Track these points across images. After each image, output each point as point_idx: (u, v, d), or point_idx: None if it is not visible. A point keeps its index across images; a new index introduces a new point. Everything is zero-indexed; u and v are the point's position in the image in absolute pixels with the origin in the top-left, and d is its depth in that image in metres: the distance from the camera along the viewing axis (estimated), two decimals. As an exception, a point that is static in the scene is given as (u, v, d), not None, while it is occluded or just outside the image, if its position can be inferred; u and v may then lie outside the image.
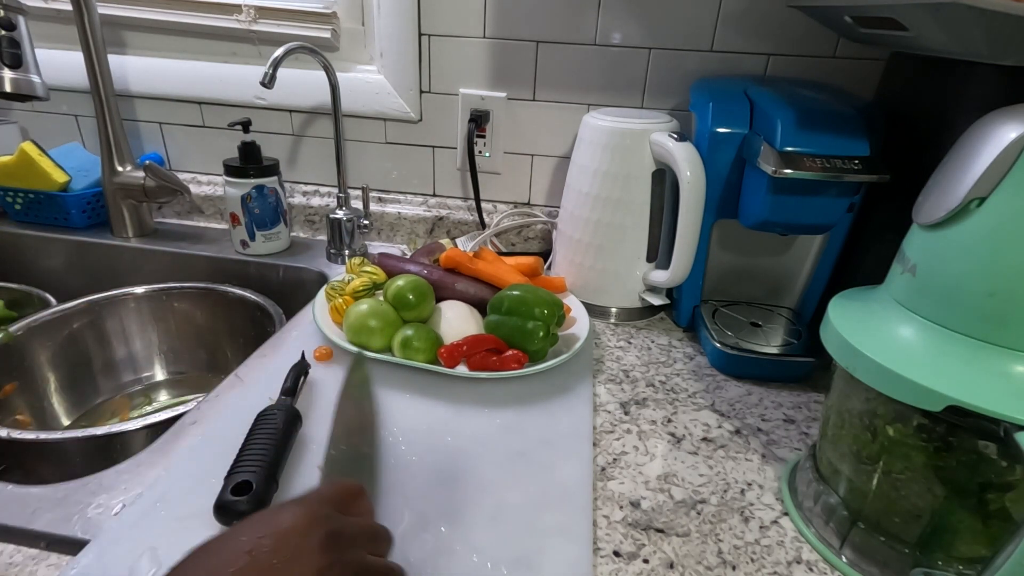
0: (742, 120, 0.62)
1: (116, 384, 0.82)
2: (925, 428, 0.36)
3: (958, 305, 0.35)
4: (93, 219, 0.93)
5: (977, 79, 0.51)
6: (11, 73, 0.72)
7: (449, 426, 0.51)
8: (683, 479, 0.48)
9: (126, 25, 0.92)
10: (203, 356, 0.86)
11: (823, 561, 0.42)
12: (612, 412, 0.56)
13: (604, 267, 0.73)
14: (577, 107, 0.85)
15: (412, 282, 0.61)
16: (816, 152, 0.55)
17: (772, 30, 0.76)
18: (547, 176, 0.90)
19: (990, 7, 0.37)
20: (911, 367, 0.35)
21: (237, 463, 0.41)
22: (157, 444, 0.49)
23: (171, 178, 0.86)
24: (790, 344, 0.64)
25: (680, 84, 0.81)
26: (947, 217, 0.36)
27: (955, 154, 0.37)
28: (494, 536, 0.40)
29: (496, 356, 0.57)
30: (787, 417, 0.57)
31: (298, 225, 0.97)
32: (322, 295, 0.66)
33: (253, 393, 0.54)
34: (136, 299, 0.82)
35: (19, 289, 0.83)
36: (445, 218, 0.93)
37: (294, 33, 0.87)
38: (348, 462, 0.43)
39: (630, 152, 0.67)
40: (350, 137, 0.92)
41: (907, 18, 0.47)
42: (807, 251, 0.69)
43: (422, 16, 0.83)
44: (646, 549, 0.42)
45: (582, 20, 0.80)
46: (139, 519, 0.40)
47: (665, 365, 0.65)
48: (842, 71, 0.77)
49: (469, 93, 0.86)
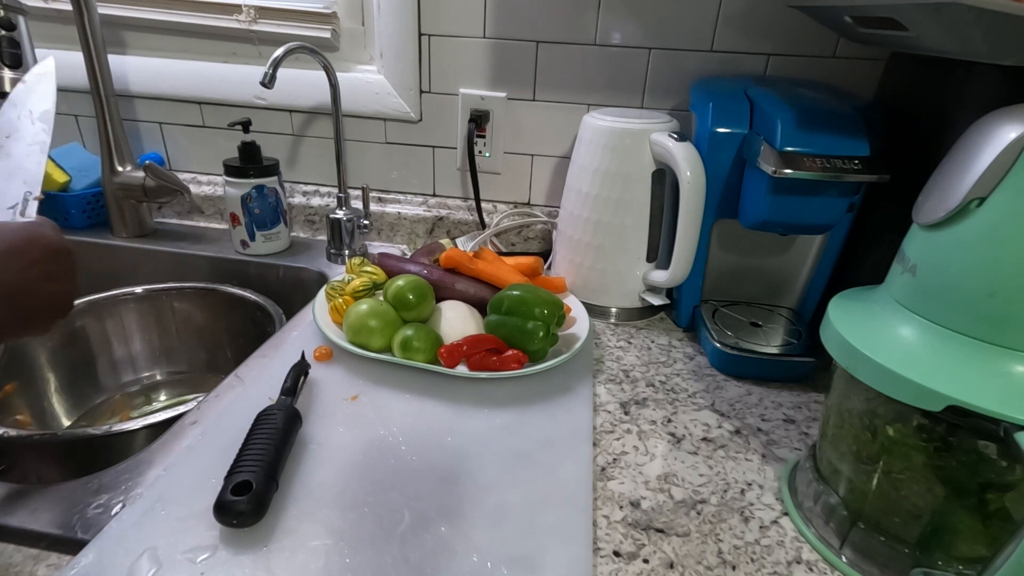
0: (742, 120, 0.62)
1: (116, 384, 0.82)
2: (925, 428, 0.36)
3: (958, 305, 0.35)
4: (93, 219, 0.93)
5: (977, 79, 0.51)
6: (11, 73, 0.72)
7: (449, 426, 0.51)
8: (683, 479, 0.48)
9: (126, 25, 0.92)
10: (203, 356, 0.86)
11: (823, 561, 0.42)
12: (612, 412, 0.56)
13: (604, 267, 0.73)
14: (577, 107, 0.85)
15: (412, 282, 0.61)
16: (816, 152, 0.55)
17: (772, 30, 0.76)
18: (547, 176, 0.90)
19: (990, 7, 0.37)
20: (911, 367, 0.35)
21: (237, 463, 0.41)
22: (157, 444, 0.49)
23: (171, 178, 0.86)
24: (790, 344, 0.64)
25: (680, 84, 0.81)
26: (947, 217, 0.36)
27: (955, 154, 0.37)
28: (494, 536, 0.40)
29: (496, 356, 0.57)
30: (787, 417, 0.57)
31: (298, 225, 0.97)
32: (322, 295, 0.66)
33: (253, 393, 0.54)
34: (136, 299, 0.82)
35: None
36: (445, 218, 0.93)
37: (294, 33, 0.87)
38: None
39: (630, 152, 0.68)
40: (350, 137, 0.92)
41: (907, 18, 0.47)
42: (807, 251, 0.69)
43: (422, 16, 0.83)
44: (646, 549, 0.42)
45: (582, 20, 0.80)
46: (139, 519, 0.40)
47: (665, 365, 0.65)
48: (842, 71, 0.77)
49: (469, 93, 0.86)
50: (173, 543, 0.38)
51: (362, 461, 0.46)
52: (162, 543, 0.38)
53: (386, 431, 0.50)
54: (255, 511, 0.38)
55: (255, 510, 0.38)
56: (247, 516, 0.38)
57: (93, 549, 0.37)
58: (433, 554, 0.38)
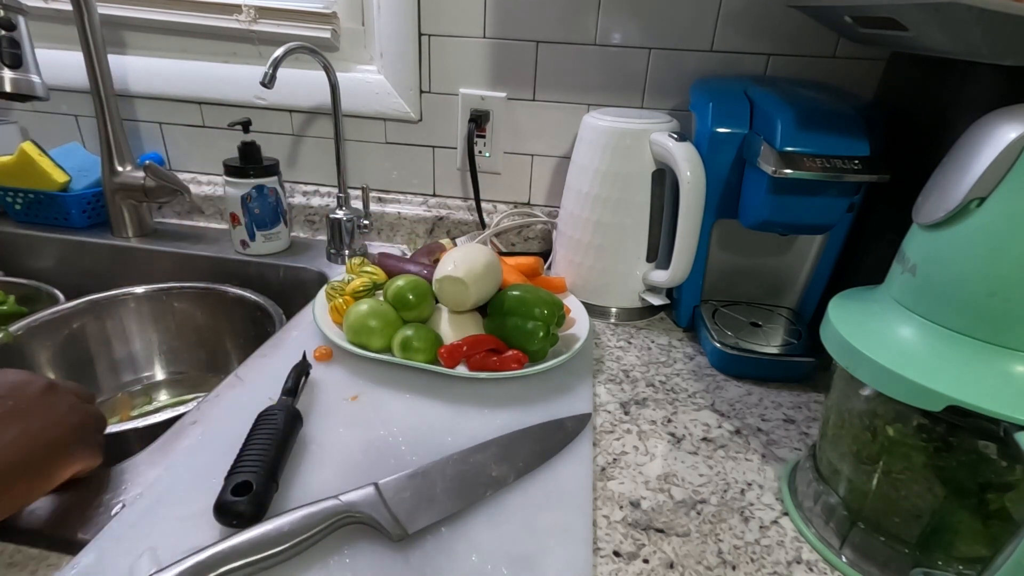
0: (742, 120, 0.62)
1: (116, 384, 0.82)
2: (925, 428, 0.36)
3: (958, 305, 0.35)
4: (93, 219, 0.93)
5: (977, 79, 0.51)
6: (11, 73, 0.72)
7: (449, 426, 0.51)
8: (683, 479, 0.48)
9: (126, 25, 0.92)
10: (203, 356, 0.86)
11: (823, 561, 0.42)
12: (612, 412, 0.56)
13: (604, 267, 0.73)
14: (577, 107, 0.85)
15: (412, 282, 0.61)
16: (816, 152, 0.55)
17: (772, 30, 0.76)
18: (547, 176, 0.90)
19: (990, 7, 0.37)
20: (911, 367, 0.35)
21: (237, 463, 0.41)
22: (157, 444, 0.49)
23: (171, 178, 0.86)
24: (790, 344, 0.64)
25: (680, 84, 0.81)
26: (947, 217, 0.36)
27: (955, 154, 0.37)
28: (494, 536, 0.40)
29: (496, 356, 0.57)
30: (787, 417, 0.57)
31: (298, 225, 0.97)
32: (322, 295, 0.66)
33: (253, 393, 0.54)
34: (136, 299, 0.82)
35: (28, 285, 0.83)
36: (445, 218, 0.93)
37: (294, 33, 0.87)
38: None
39: (630, 152, 0.68)
40: (350, 137, 0.92)
41: (907, 18, 0.47)
42: (807, 251, 0.69)
43: (422, 16, 0.83)
44: (646, 549, 0.42)
45: (582, 20, 0.80)
46: (139, 519, 0.40)
47: (665, 365, 0.65)
48: (842, 71, 0.77)
49: (469, 93, 0.86)
50: (173, 543, 0.38)
51: (362, 461, 0.46)
52: (162, 543, 0.38)
53: (386, 431, 0.50)
54: (255, 512, 0.38)
55: (255, 511, 0.38)
56: (247, 517, 0.38)
57: (93, 549, 0.37)
58: (433, 554, 0.38)
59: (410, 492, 0.41)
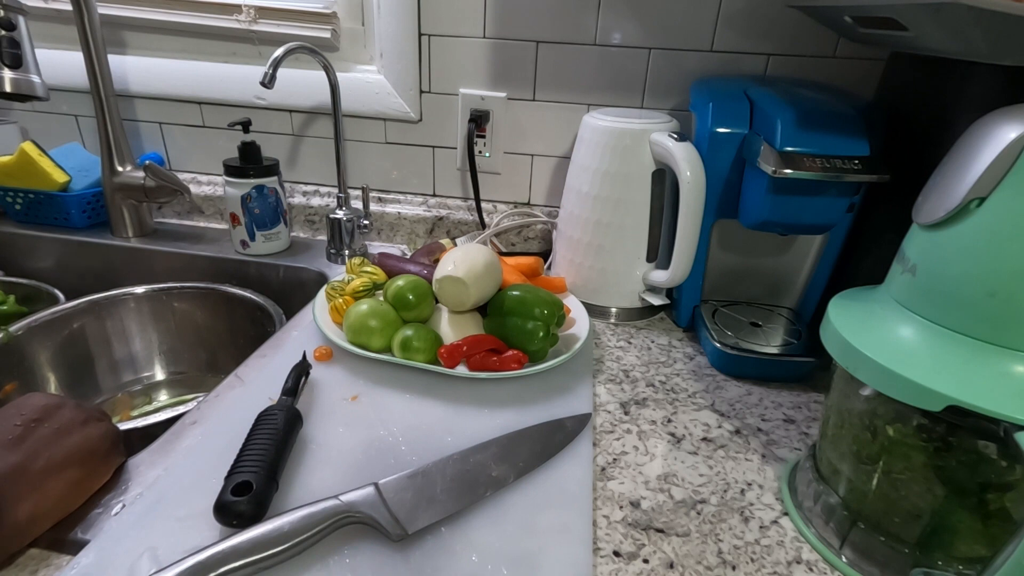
0: (742, 120, 0.62)
1: (116, 384, 0.82)
2: (925, 428, 0.36)
3: (958, 305, 0.35)
4: (93, 219, 0.93)
5: (977, 79, 0.51)
6: (11, 73, 0.72)
7: (449, 426, 0.51)
8: (683, 479, 0.48)
9: (126, 25, 0.92)
10: (203, 356, 0.86)
11: (823, 561, 0.42)
12: (612, 412, 0.56)
13: (604, 267, 0.73)
14: (577, 107, 0.85)
15: (412, 282, 0.61)
16: (816, 152, 0.55)
17: (772, 30, 0.76)
18: (547, 176, 0.90)
19: (990, 7, 0.37)
20: (911, 367, 0.35)
21: (237, 463, 0.41)
22: (157, 444, 0.49)
23: (171, 178, 0.86)
24: (790, 344, 0.64)
25: (680, 84, 0.81)
26: (947, 217, 0.36)
27: (955, 154, 0.37)
28: (494, 536, 0.40)
29: (496, 356, 0.57)
30: (787, 417, 0.57)
31: (298, 225, 0.97)
32: (322, 295, 0.66)
33: (253, 393, 0.54)
34: (136, 299, 0.82)
35: (29, 284, 0.83)
36: (445, 218, 0.93)
37: (294, 33, 0.87)
38: None
39: (630, 152, 0.68)
40: (350, 137, 0.92)
41: (907, 18, 0.47)
42: (807, 251, 0.69)
43: (422, 16, 0.83)
44: (646, 549, 0.42)
45: (582, 20, 0.80)
46: (139, 519, 0.40)
47: (665, 365, 0.65)
48: (842, 71, 0.77)
49: (469, 93, 0.86)
50: (173, 543, 0.38)
51: (362, 461, 0.46)
52: (162, 543, 0.38)
53: (386, 431, 0.50)
54: (255, 512, 0.38)
55: (255, 511, 0.38)
56: (247, 517, 0.38)
57: (93, 549, 0.37)
58: (433, 554, 0.38)
59: (410, 492, 0.41)
